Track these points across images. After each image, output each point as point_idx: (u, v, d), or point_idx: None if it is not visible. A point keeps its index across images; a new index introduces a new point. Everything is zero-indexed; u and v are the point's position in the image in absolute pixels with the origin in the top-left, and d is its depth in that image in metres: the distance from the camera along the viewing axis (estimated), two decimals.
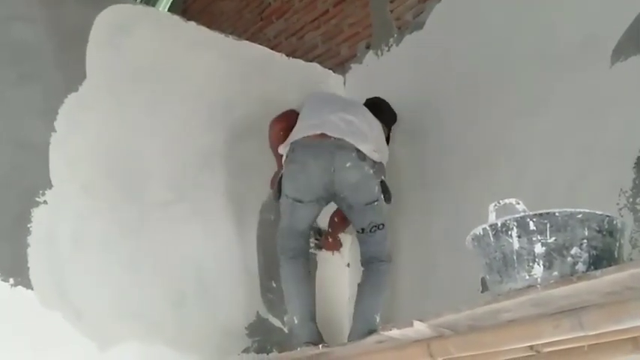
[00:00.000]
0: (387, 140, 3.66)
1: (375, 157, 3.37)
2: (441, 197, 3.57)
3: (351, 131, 3.36)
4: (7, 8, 3.23)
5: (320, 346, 2.98)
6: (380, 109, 3.71)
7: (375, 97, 3.80)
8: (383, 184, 3.42)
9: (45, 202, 3.13)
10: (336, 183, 3.31)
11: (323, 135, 3.33)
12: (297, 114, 3.53)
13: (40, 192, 3.13)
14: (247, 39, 4.22)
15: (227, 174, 3.71)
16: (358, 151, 3.31)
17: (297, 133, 3.40)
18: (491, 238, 2.30)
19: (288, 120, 3.53)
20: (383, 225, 3.37)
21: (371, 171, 3.33)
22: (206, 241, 3.56)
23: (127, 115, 3.47)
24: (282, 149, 3.43)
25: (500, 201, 2.35)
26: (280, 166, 3.48)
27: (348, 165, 3.30)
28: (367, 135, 3.41)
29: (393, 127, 3.80)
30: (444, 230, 3.45)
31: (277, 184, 3.44)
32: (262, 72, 4.00)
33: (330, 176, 3.30)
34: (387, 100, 3.82)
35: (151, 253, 3.36)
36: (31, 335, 2.96)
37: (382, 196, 3.40)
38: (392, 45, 4.07)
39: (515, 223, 2.24)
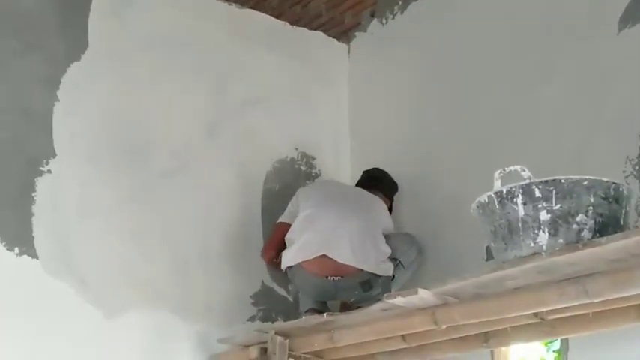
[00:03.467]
0: (390, 210, 3.57)
1: (382, 269, 3.26)
2: (446, 165, 3.56)
3: (353, 249, 3.21)
4: None
5: (325, 314, 2.98)
6: (380, 182, 3.63)
7: (374, 170, 3.70)
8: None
9: (49, 171, 3.14)
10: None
11: (324, 258, 3.21)
12: (288, 227, 3.38)
13: (44, 161, 3.14)
14: (250, 7, 4.17)
15: (231, 143, 3.70)
16: (363, 283, 3.22)
17: (295, 254, 3.26)
18: (497, 206, 2.29)
19: (277, 244, 3.43)
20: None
21: (379, 290, 3.22)
22: (210, 210, 3.56)
23: (131, 85, 3.45)
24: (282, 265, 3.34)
25: (506, 168, 2.34)
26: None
27: (352, 299, 3.29)
28: (372, 243, 3.28)
29: (395, 197, 3.69)
30: (448, 198, 3.44)
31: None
32: (266, 41, 3.97)
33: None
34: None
35: (156, 221, 3.37)
36: (37, 304, 2.98)
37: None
38: (397, 13, 4.03)
39: (520, 191, 2.23)
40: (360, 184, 3.67)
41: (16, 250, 2.99)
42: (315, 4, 4.53)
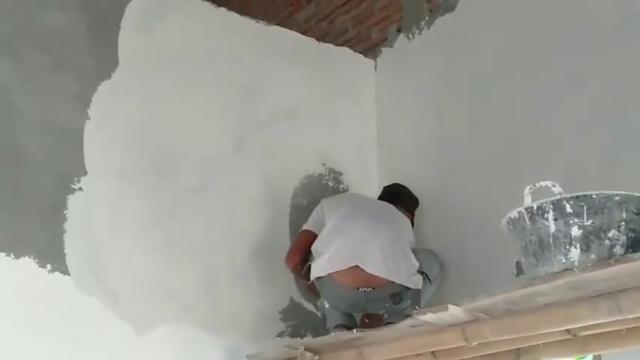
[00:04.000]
0: (412, 224, 3.56)
1: (413, 281, 3.25)
2: (472, 179, 3.55)
3: (384, 261, 3.20)
4: None
5: (354, 330, 2.97)
6: (400, 197, 3.63)
7: (394, 185, 3.72)
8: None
9: (80, 188, 3.17)
10: None
11: (355, 269, 3.20)
12: (312, 235, 3.40)
13: (75, 179, 3.17)
14: (277, 24, 4.22)
15: (259, 159, 3.72)
16: (394, 295, 3.21)
17: (325, 265, 3.24)
18: (527, 222, 2.28)
19: (301, 251, 3.42)
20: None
21: (408, 302, 3.23)
22: (238, 225, 3.58)
23: (160, 101, 3.49)
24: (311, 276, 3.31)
25: (536, 184, 2.33)
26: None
27: (381, 311, 3.30)
28: (403, 255, 3.28)
29: (418, 212, 3.70)
30: (475, 212, 3.43)
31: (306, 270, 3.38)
32: (293, 57, 4.00)
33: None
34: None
35: (185, 236, 3.39)
36: (69, 320, 3.01)
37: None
38: (423, 28, 4.03)
39: (551, 206, 2.21)
40: (380, 199, 3.67)
41: (49, 267, 3.03)
42: (342, 20, 4.56)
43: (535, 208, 2.25)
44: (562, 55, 3.23)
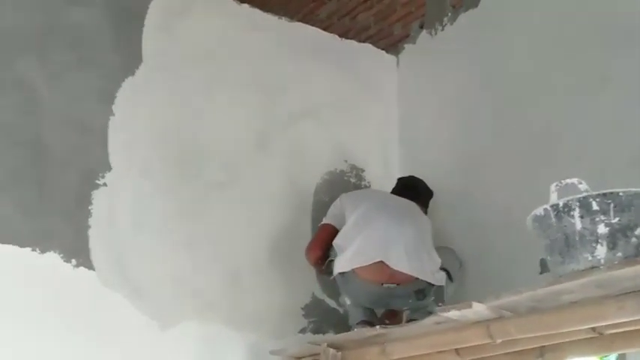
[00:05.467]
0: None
1: (436, 278, 3.23)
2: (496, 176, 3.53)
3: (409, 257, 3.18)
4: None
5: (377, 327, 2.97)
6: (416, 191, 3.62)
7: (410, 178, 3.70)
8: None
9: (104, 184, 3.19)
10: None
11: (380, 264, 3.18)
12: (333, 229, 3.39)
13: (100, 174, 3.19)
14: (300, 20, 4.22)
15: (281, 155, 3.73)
16: (418, 292, 3.20)
17: (349, 261, 3.22)
18: (553, 219, 2.27)
19: (322, 245, 3.40)
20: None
21: (431, 299, 3.21)
22: (261, 221, 3.59)
23: (183, 98, 3.50)
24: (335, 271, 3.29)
25: (562, 181, 2.32)
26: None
27: (404, 308, 3.30)
28: (426, 251, 3.26)
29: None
30: (498, 210, 3.42)
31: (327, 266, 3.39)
32: (315, 53, 4.00)
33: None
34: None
35: (208, 233, 3.40)
36: (94, 315, 3.03)
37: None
38: (446, 24, 4.02)
39: (577, 204, 2.21)
40: (396, 192, 3.64)
41: (73, 261, 3.05)
42: (364, 16, 4.55)
43: (561, 205, 2.25)
44: (588, 52, 3.20)
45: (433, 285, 3.22)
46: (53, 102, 3.14)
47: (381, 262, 3.17)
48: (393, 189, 3.69)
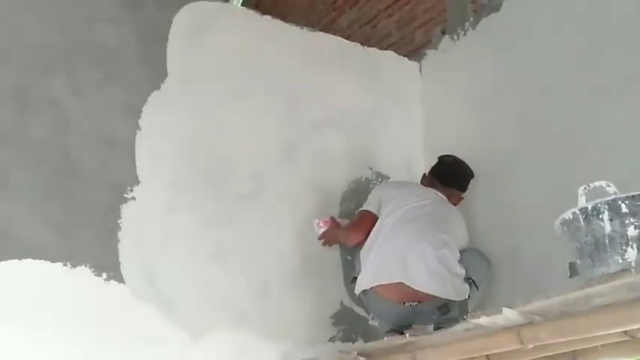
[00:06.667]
0: (460, 200, 3.59)
1: (459, 293, 3.21)
2: (521, 180, 3.52)
3: (430, 276, 3.16)
4: (91, 10, 3.33)
5: (407, 334, 2.97)
6: (458, 179, 3.60)
7: (454, 164, 3.62)
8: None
9: (133, 198, 3.22)
10: None
11: (400, 284, 3.17)
12: (374, 217, 3.39)
13: (128, 188, 3.22)
14: (321, 30, 4.24)
15: (307, 165, 3.74)
16: (441, 307, 3.18)
17: (370, 279, 3.23)
18: (582, 222, 2.25)
19: (366, 230, 3.38)
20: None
21: (456, 312, 3.19)
22: (288, 231, 3.60)
23: (209, 110, 3.53)
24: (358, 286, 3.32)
25: (590, 184, 2.30)
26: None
27: (429, 323, 3.27)
28: (448, 268, 3.22)
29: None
30: (525, 214, 3.41)
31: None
32: (337, 62, 4.01)
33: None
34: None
35: (236, 243, 3.42)
36: (126, 328, 3.06)
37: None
38: (468, 29, 4.02)
39: (606, 206, 2.19)
40: (435, 173, 3.61)
41: (104, 275, 3.08)
42: (385, 23, 4.57)
43: (590, 208, 2.23)
44: (612, 53, 3.18)
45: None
46: (81, 118, 3.19)
47: (401, 282, 3.17)
48: (433, 170, 3.65)
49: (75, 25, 3.27)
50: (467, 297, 3.25)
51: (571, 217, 2.29)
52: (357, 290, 3.33)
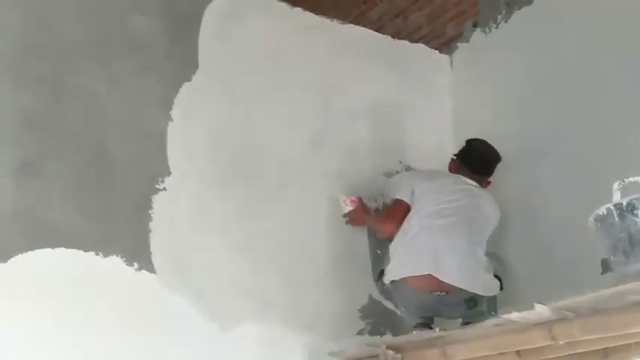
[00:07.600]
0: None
1: (488, 289, 3.23)
2: (554, 176, 3.49)
3: (460, 270, 3.19)
4: (126, 1, 3.36)
5: (437, 329, 2.97)
6: (487, 166, 3.58)
7: (484, 151, 3.60)
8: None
9: (164, 188, 3.24)
10: None
11: (430, 276, 3.20)
12: (407, 206, 3.40)
13: (160, 179, 3.24)
14: (352, 22, 4.22)
15: (337, 157, 3.74)
16: (468, 300, 3.20)
17: (401, 270, 3.28)
18: (616, 218, 2.25)
19: (398, 221, 3.39)
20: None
21: (483, 307, 3.20)
22: (317, 222, 3.61)
23: (240, 102, 3.54)
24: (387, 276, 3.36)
25: (625, 179, 2.29)
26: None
27: (456, 315, 3.29)
28: (479, 262, 3.26)
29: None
30: (561, 211, 3.37)
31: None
32: (369, 55, 4.00)
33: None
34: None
35: (266, 234, 3.43)
36: (156, 317, 3.08)
37: None
38: (500, 22, 3.99)
39: None
40: (464, 160, 3.59)
41: (135, 265, 3.10)
42: (416, 16, 4.54)
43: (624, 204, 2.23)
44: None
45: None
46: (115, 108, 3.21)
47: (430, 274, 3.19)
48: (464, 156, 3.62)
49: (109, 17, 3.30)
50: (495, 293, 3.25)
51: (605, 212, 2.28)
52: (387, 280, 3.33)
